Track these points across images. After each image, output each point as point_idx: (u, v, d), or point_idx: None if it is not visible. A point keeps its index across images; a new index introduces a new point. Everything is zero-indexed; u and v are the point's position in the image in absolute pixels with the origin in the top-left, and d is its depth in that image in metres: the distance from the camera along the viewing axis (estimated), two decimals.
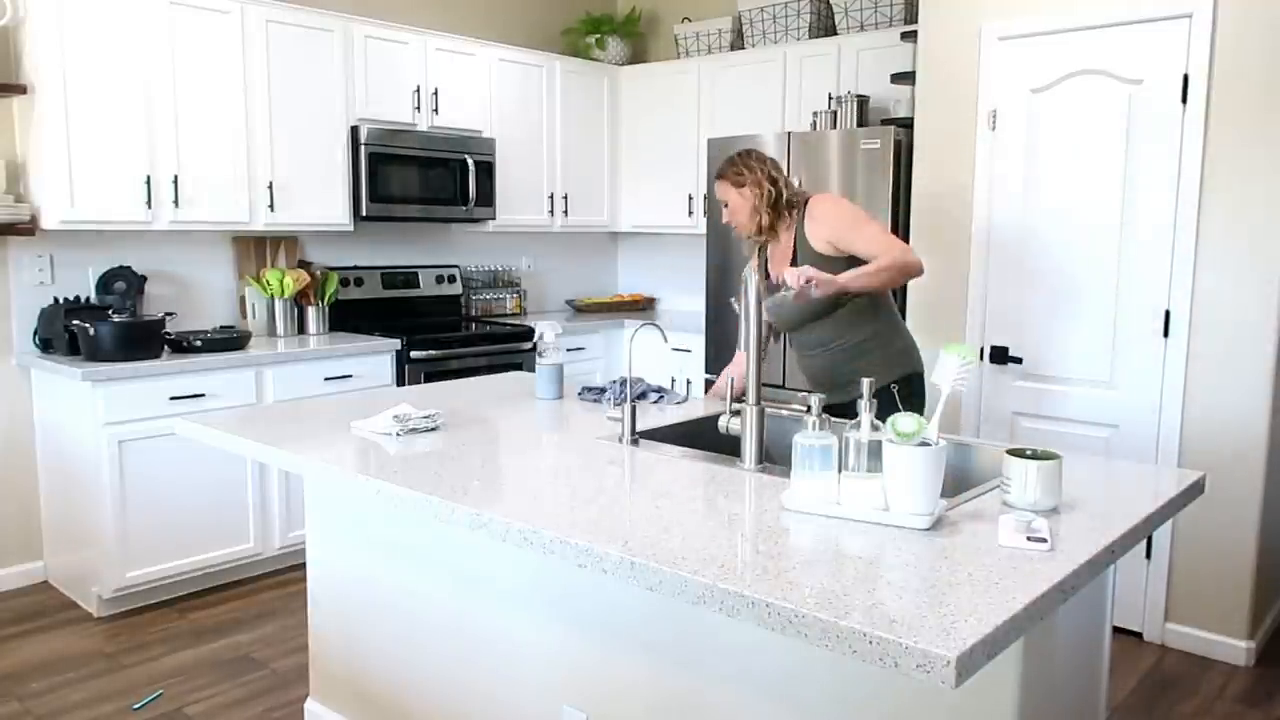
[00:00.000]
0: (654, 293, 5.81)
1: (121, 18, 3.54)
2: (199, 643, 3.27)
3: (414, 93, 4.46)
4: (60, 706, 2.84)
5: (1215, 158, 3.07)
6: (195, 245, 4.13)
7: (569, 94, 5.16)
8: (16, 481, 3.74)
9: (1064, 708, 1.70)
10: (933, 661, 1.11)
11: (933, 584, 1.32)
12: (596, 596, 1.86)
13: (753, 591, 1.28)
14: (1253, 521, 3.12)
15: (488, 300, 5.21)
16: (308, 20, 4.07)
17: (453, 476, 1.86)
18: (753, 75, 4.80)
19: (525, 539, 1.57)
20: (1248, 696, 2.97)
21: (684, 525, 1.57)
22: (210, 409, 3.56)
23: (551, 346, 2.69)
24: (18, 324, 3.68)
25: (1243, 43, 2.99)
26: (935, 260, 3.65)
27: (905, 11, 4.36)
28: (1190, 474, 1.92)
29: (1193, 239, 3.12)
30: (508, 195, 4.89)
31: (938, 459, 1.53)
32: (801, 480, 1.64)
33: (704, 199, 4.80)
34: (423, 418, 2.27)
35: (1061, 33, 3.31)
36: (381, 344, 4.13)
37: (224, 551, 3.71)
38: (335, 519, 2.47)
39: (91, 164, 3.51)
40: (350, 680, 2.49)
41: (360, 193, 4.27)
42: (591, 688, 1.90)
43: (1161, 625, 3.31)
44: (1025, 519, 1.55)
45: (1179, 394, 3.19)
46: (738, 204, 2.68)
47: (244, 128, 3.90)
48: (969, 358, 1.71)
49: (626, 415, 2.15)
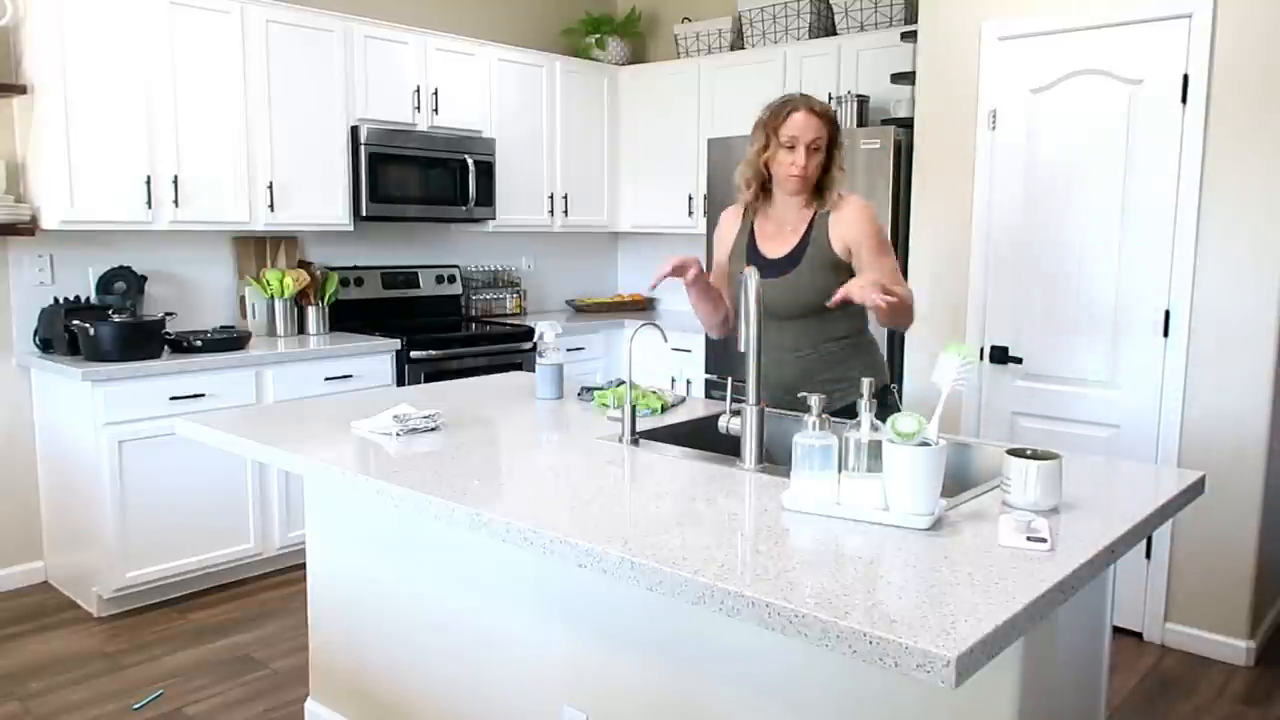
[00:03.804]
0: (654, 292, 5.81)
1: (121, 18, 3.54)
2: (199, 643, 3.27)
3: (414, 93, 4.46)
4: (60, 706, 2.84)
5: (1215, 157, 3.07)
6: (195, 245, 4.13)
7: (569, 94, 5.16)
8: (16, 481, 3.74)
9: (1064, 708, 1.70)
10: (933, 661, 1.11)
11: (933, 584, 1.32)
12: (596, 596, 1.86)
13: (753, 591, 1.28)
14: (1253, 521, 3.12)
15: (488, 300, 5.21)
16: (308, 20, 4.07)
17: (453, 476, 1.86)
18: (753, 75, 4.80)
19: (525, 539, 1.57)
20: (1247, 696, 2.97)
21: (684, 525, 1.57)
22: (210, 409, 3.56)
23: (551, 346, 2.69)
24: (18, 324, 3.68)
25: (1243, 43, 2.99)
26: (935, 260, 3.65)
27: (905, 11, 4.36)
28: (1190, 474, 1.92)
29: (1193, 239, 3.12)
30: (508, 195, 4.89)
31: (938, 459, 1.53)
32: (801, 480, 1.64)
33: (704, 199, 4.79)
34: (423, 418, 2.27)
35: (1061, 33, 3.31)
36: (381, 344, 4.13)
37: (224, 551, 3.71)
38: (335, 519, 2.47)
39: (91, 164, 3.51)
40: (350, 680, 2.49)
41: (360, 193, 4.27)
42: (591, 688, 1.90)
43: (1161, 625, 3.31)
44: (1025, 519, 1.55)
45: (1179, 394, 3.19)
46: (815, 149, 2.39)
47: (244, 128, 3.90)
48: (969, 358, 1.71)
49: (626, 415, 2.15)
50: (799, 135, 2.38)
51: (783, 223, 2.50)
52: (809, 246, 2.43)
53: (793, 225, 2.48)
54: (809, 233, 2.45)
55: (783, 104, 2.43)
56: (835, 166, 2.44)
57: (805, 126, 2.38)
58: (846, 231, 2.41)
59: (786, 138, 2.39)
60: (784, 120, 2.40)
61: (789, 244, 2.47)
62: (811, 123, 2.38)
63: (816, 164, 2.41)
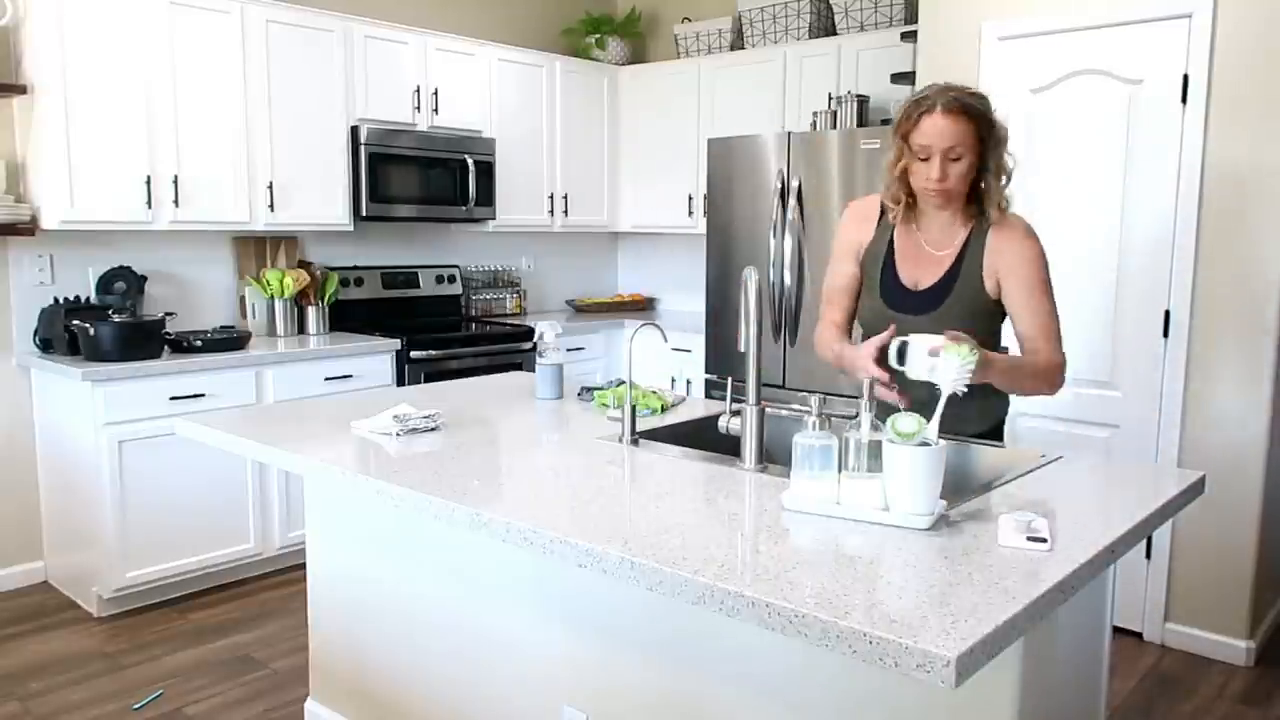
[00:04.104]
0: (654, 293, 5.81)
1: (121, 18, 3.54)
2: (199, 643, 3.27)
3: (414, 93, 4.45)
4: (60, 706, 2.84)
5: (1215, 158, 3.07)
6: (195, 245, 4.13)
7: (569, 94, 5.16)
8: (16, 481, 3.74)
9: (1064, 708, 1.70)
10: (933, 661, 1.11)
11: (933, 584, 1.32)
12: (596, 596, 1.86)
13: (753, 591, 1.28)
14: (1253, 521, 3.12)
15: (488, 300, 5.21)
16: (308, 20, 4.07)
17: (453, 476, 1.86)
18: (753, 75, 4.80)
19: (525, 539, 1.57)
20: (1247, 696, 2.97)
21: (684, 525, 1.57)
22: (210, 409, 3.56)
23: (551, 346, 2.69)
24: (18, 324, 3.68)
25: (1243, 43, 2.99)
26: None
27: (905, 11, 4.36)
28: (1190, 474, 1.92)
29: (1193, 239, 3.12)
30: (508, 195, 4.89)
31: (938, 459, 1.53)
32: (801, 480, 1.64)
33: (704, 199, 4.79)
34: (423, 418, 2.27)
35: (1061, 33, 3.31)
36: (381, 344, 4.13)
37: (224, 551, 3.71)
38: (335, 519, 2.47)
39: (91, 164, 3.51)
40: (350, 680, 2.49)
41: (360, 192, 4.27)
42: (591, 688, 1.90)
43: (1161, 625, 3.31)
44: (1025, 519, 1.55)
45: (1179, 394, 3.19)
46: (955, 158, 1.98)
47: (244, 128, 3.90)
48: (969, 358, 1.71)
49: (626, 415, 2.15)
50: (932, 144, 1.97)
51: (930, 242, 2.12)
52: (958, 280, 2.07)
53: (941, 246, 2.10)
54: (961, 259, 2.07)
55: (915, 104, 2.01)
56: (990, 174, 2.03)
57: (940, 133, 1.96)
58: (999, 260, 2.04)
59: (919, 147, 2.00)
60: (915, 126, 1.99)
61: (935, 272, 2.10)
62: (948, 128, 1.95)
63: (959, 174, 2.00)
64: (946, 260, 2.09)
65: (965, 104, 1.97)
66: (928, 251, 2.12)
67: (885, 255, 2.16)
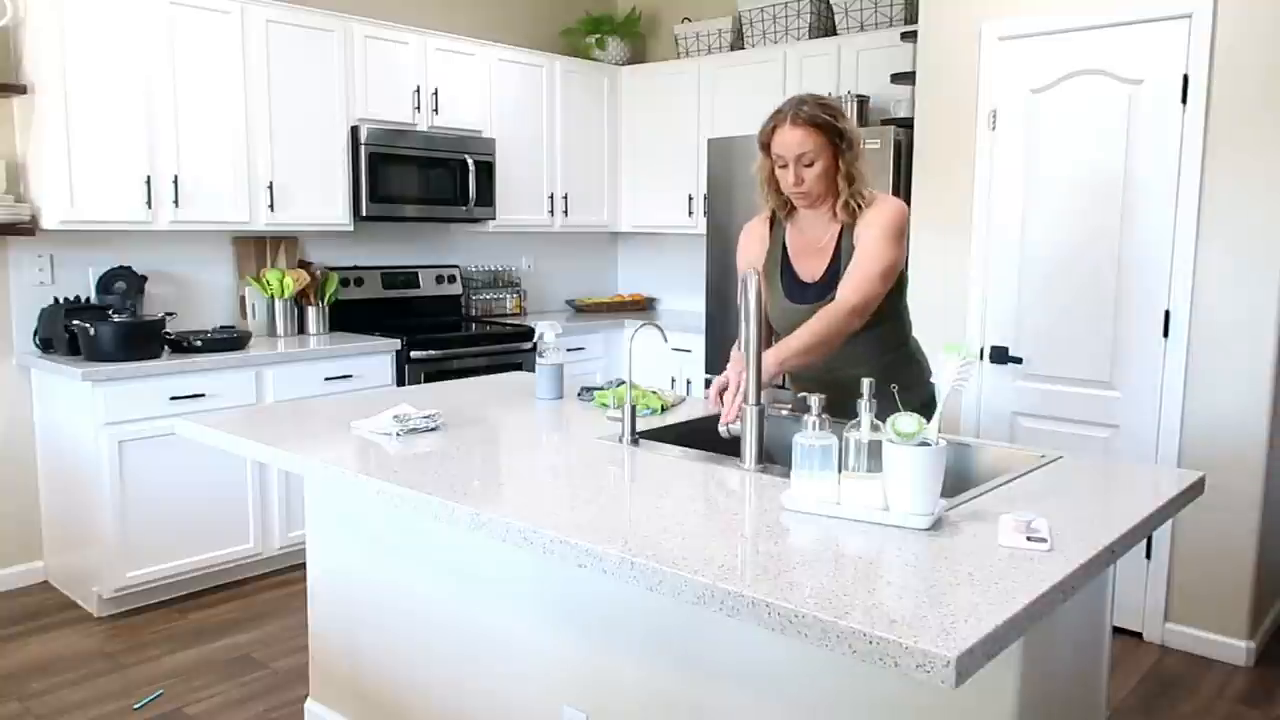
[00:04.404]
0: (654, 293, 5.81)
1: (121, 18, 3.54)
2: (199, 643, 3.27)
3: (414, 93, 4.46)
4: (60, 706, 2.84)
5: (1215, 158, 3.07)
6: (195, 245, 4.13)
7: (569, 94, 5.16)
8: (16, 481, 3.74)
9: (1064, 708, 1.70)
10: (933, 661, 1.11)
11: (933, 584, 1.32)
12: (596, 596, 1.86)
13: (753, 591, 1.28)
14: (1253, 521, 3.12)
15: (488, 300, 5.21)
16: (308, 20, 4.07)
17: (453, 476, 1.86)
18: (753, 75, 4.80)
19: (525, 539, 1.57)
20: (1247, 696, 2.97)
21: (684, 525, 1.57)
22: (210, 409, 3.56)
23: (551, 346, 2.69)
24: (18, 324, 3.68)
25: (1243, 43, 2.99)
26: (935, 260, 3.65)
27: (905, 11, 4.36)
28: (1190, 474, 1.92)
29: (1193, 239, 3.12)
30: (508, 195, 4.89)
31: (938, 459, 1.53)
32: (801, 480, 1.64)
33: (704, 199, 4.79)
34: (423, 418, 2.27)
35: (1061, 33, 3.31)
36: (381, 344, 4.13)
37: (224, 551, 3.71)
38: (335, 519, 2.47)
39: (91, 164, 3.51)
40: (350, 680, 2.49)
41: (360, 193, 4.27)
42: (591, 688, 1.90)
43: (1161, 625, 3.31)
44: (1025, 519, 1.55)
45: (1179, 394, 3.19)
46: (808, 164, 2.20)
47: (244, 128, 3.90)
48: (969, 357, 1.71)
49: (626, 415, 2.15)
50: (785, 154, 2.22)
51: (813, 237, 2.33)
52: (841, 266, 2.26)
53: (821, 239, 2.31)
54: (839, 247, 2.28)
55: (771, 117, 2.25)
56: (840, 176, 2.23)
57: (790, 143, 2.20)
58: (861, 237, 2.23)
59: (776, 156, 2.25)
60: (771, 137, 2.24)
61: (822, 264, 2.31)
62: (798, 138, 2.18)
63: (815, 177, 2.22)
64: (827, 251, 2.31)
65: (812, 116, 2.19)
66: (814, 246, 2.33)
67: (781, 257, 2.38)
